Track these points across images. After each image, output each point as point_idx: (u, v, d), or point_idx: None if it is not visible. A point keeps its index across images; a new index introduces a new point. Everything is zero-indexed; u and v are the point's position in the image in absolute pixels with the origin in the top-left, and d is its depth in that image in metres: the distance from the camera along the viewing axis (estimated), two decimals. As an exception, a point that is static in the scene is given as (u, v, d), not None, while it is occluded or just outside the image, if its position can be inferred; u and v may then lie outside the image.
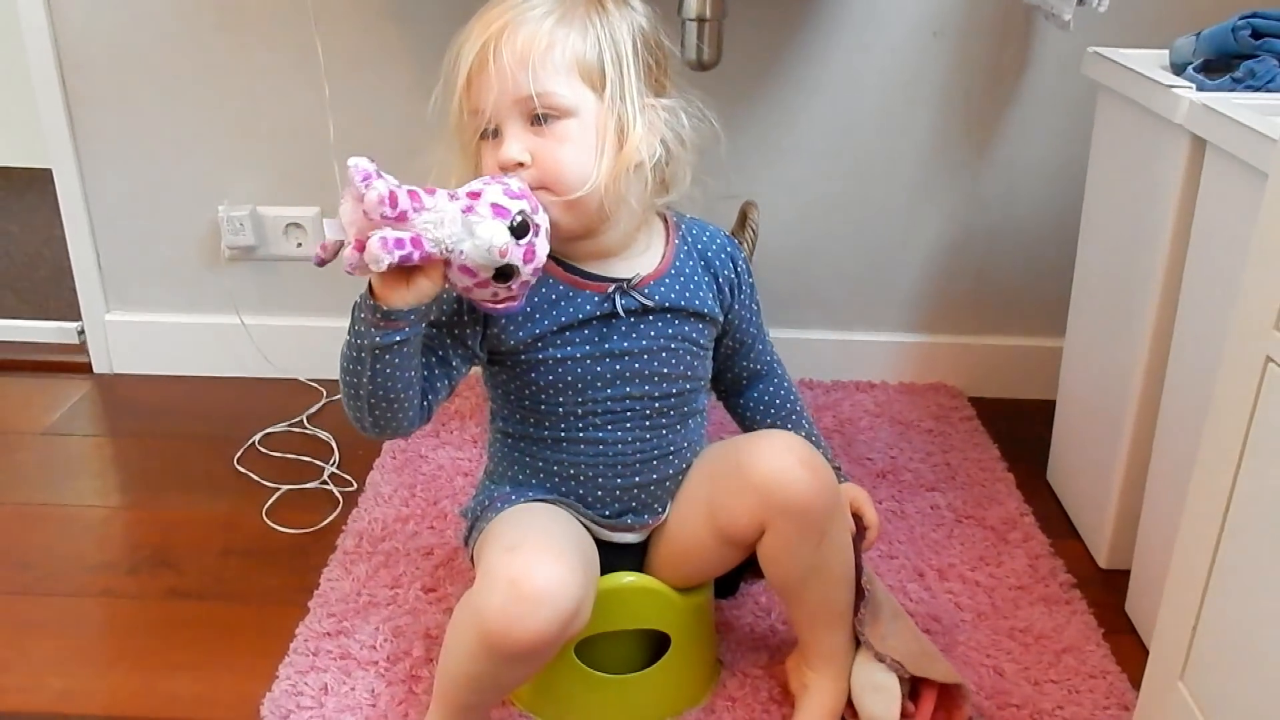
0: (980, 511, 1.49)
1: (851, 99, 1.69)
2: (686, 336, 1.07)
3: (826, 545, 1.04)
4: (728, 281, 1.11)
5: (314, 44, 1.65)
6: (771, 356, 1.21)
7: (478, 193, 0.90)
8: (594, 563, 1.03)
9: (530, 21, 0.95)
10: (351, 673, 1.19)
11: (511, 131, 0.96)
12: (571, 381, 1.04)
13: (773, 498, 1.00)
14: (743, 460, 1.02)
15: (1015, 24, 1.64)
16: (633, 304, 1.03)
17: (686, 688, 1.16)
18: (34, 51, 1.70)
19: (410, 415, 1.00)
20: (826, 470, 1.03)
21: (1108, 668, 1.21)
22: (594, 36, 0.97)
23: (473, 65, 0.95)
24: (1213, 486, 0.91)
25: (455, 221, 0.88)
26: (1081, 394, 1.50)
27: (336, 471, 1.59)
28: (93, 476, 1.63)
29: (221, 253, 1.81)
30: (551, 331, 1.02)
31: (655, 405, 1.06)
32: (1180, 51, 1.33)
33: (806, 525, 1.01)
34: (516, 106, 0.95)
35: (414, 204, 0.86)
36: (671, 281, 1.06)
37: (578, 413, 1.05)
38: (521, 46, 0.94)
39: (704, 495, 1.07)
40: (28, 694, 1.18)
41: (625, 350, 1.04)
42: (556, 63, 0.95)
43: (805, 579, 1.06)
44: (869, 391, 1.82)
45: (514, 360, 1.04)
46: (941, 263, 1.80)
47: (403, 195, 0.86)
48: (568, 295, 1.02)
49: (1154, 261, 1.24)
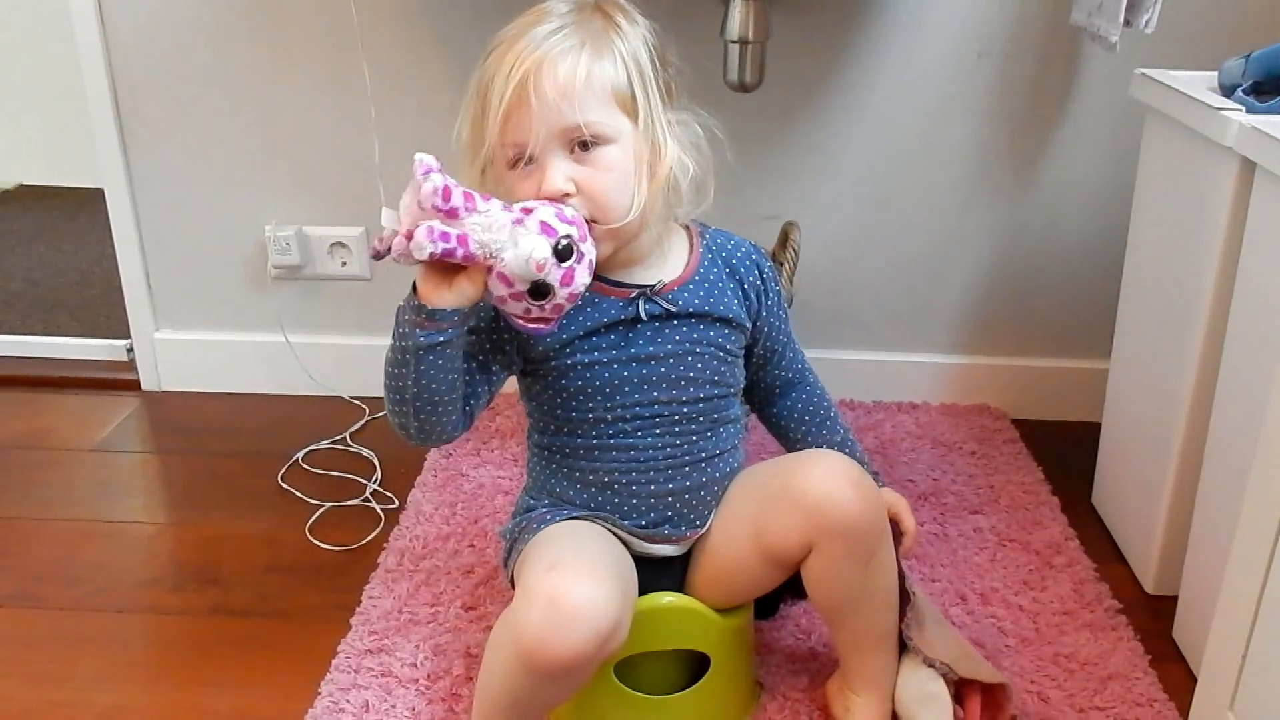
0: (1024, 535, 1.47)
1: (894, 120, 1.69)
2: (712, 342, 1.07)
3: (874, 567, 1.04)
4: (754, 288, 1.11)
5: (360, 67, 1.67)
6: (803, 364, 1.21)
7: (531, 209, 0.92)
8: (632, 582, 1.03)
9: (568, 54, 0.96)
10: (392, 690, 1.20)
11: (553, 162, 0.97)
12: (599, 386, 1.05)
13: (823, 518, 1.00)
14: (793, 481, 1.02)
15: (1060, 45, 1.63)
16: (656, 309, 1.04)
17: (726, 709, 1.16)
18: (88, 74, 1.74)
19: (453, 419, 1.02)
20: (875, 493, 1.03)
21: (1155, 695, 1.19)
22: (622, 63, 0.99)
23: (510, 100, 0.96)
24: (1263, 513, 0.90)
25: (503, 229, 0.90)
26: (1128, 417, 1.48)
27: (379, 489, 1.60)
28: (140, 493, 1.66)
29: (268, 272, 1.84)
30: (578, 337, 1.04)
31: (684, 410, 1.06)
32: (1230, 73, 1.32)
33: (855, 546, 1.01)
34: (560, 137, 0.97)
35: (467, 204, 0.89)
36: (695, 288, 1.07)
37: (607, 419, 1.06)
38: (564, 79, 0.96)
39: (750, 513, 1.07)
40: (75, 709, 1.19)
41: (650, 355, 1.05)
42: (596, 92, 0.97)
43: (852, 601, 1.06)
44: (911, 413, 1.81)
45: (545, 368, 1.06)
46: (984, 283, 1.79)
47: (457, 192, 0.89)
48: (592, 301, 1.04)
49: (1202, 284, 1.23)
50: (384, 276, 1.82)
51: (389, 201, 1.73)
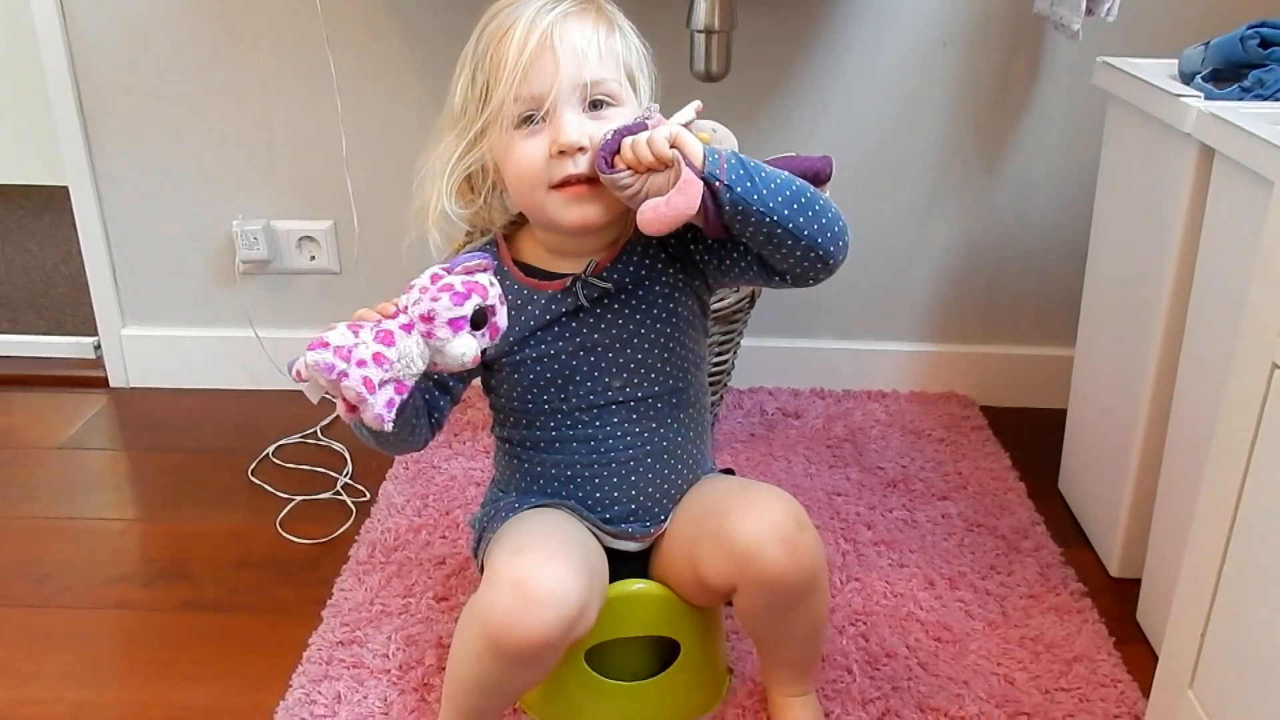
0: (991, 520, 1.49)
1: (861, 109, 1.70)
2: (658, 317, 1.05)
3: (794, 616, 1.04)
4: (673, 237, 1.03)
5: (326, 60, 1.67)
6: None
7: (430, 315, 0.90)
8: (601, 567, 1.04)
9: (586, 15, 0.98)
10: (364, 681, 1.20)
11: (568, 115, 0.97)
12: (552, 379, 1.05)
13: (746, 569, 0.99)
14: (726, 523, 1.01)
15: (1025, 34, 1.65)
16: (593, 291, 1.03)
17: (696, 695, 1.17)
18: (51, 72, 1.72)
19: (422, 438, 1.05)
20: (808, 549, 1.00)
21: (1119, 676, 1.21)
22: (629, 42, 1.02)
23: (533, 51, 0.96)
24: (1220, 496, 0.91)
25: (423, 354, 0.91)
26: (1092, 403, 1.50)
27: (349, 482, 1.60)
28: (109, 490, 1.65)
29: (236, 267, 1.83)
30: (524, 337, 1.04)
31: (639, 397, 1.06)
32: (1189, 61, 1.33)
33: (776, 600, 1.02)
34: (576, 92, 0.97)
35: (381, 370, 0.89)
36: (626, 261, 1.04)
37: (564, 409, 1.06)
38: (589, 33, 0.97)
39: (690, 538, 1.06)
40: (46, 706, 1.19)
41: (598, 341, 1.04)
42: (613, 56, 0.99)
43: (770, 638, 1.09)
44: (880, 401, 1.83)
45: (498, 365, 1.07)
46: (952, 272, 1.80)
47: (357, 384, 0.88)
48: (531, 298, 1.04)
49: (1164, 270, 1.24)
50: (353, 270, 1.82)
51: (356, 195, 1.74)
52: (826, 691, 1.18)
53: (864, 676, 1.21)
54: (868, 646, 1.25)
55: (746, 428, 1.73)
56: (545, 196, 0.98)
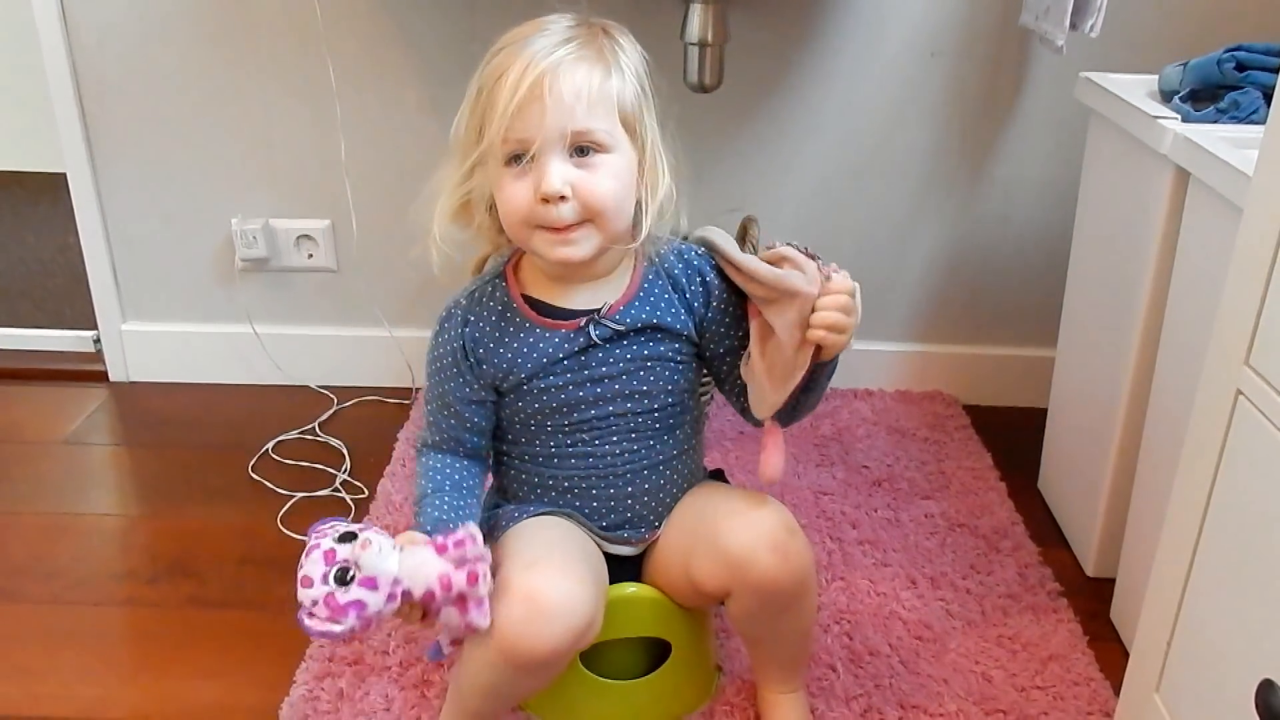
0: (973, 520, 1.54)
1: (850, 118, 1.74)
2: (661, 356, 1.09)
3: (785, 619, 1.09)
4: (695, 296, 1.10)
5: (325, 64, 1.69)
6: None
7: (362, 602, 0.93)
8: (603, 576, 1.08)
9: (582, 62, 0.99)
10: (366, 678, 1.24)
11: (553, 162, 0.99)
12: (557, 406, 1.09)
13: (739, 575, 1.04)
14: (720, 528, 1.05)
15: (1010, 47, 1.68)
16: (606, 332, 1.07)
17: (687, 693, 1.21)
18: (49, 61, 1.73)
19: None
20: (799, 554, 1.05)
21: (1091, 675, 1.26)
22: (628, 81, 1.02)
23: (523, 96, 0.97)
24: (1188, 510, 0.95)
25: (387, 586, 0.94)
26: (1071, 406, 1.54)
27: (348, 479, 1.64)
28: (112, 486, 1.68)
29: (235, 264, 1.86)
30: (537, 372, 1.07)
31: (639, 419, 1.10)
32: (1169, 79, 1.37)
33: (768, 604, 1.06)
34: (562, 140, 0.98)
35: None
36: (640, 304, 1.08)
37: (565, 429, 1.10)
38: (580, 83, 0.98)
39: (684, 545, 1.11)
40: (60, 702, 1.23)
41: (604, 374, 1.08)
42: (605, 102, 1.00)
43: (761, 638, 1.14)
44: (866, 400, 1.87)
45: (507, 396, 1.10)
46: (938, 275, 1.84)
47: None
48: (544, 336, 1.07)
49: (1140, 283, 1.28)
50: (351, 268, 1.85)
51: (355, 196, 1.76)
52: (812, 689, 1.23)
53: (848, 674, 1.25)
54: (852, 645, 1.30)
55: (736, 426, 1.77)
56: (530, 233, 1.01)
